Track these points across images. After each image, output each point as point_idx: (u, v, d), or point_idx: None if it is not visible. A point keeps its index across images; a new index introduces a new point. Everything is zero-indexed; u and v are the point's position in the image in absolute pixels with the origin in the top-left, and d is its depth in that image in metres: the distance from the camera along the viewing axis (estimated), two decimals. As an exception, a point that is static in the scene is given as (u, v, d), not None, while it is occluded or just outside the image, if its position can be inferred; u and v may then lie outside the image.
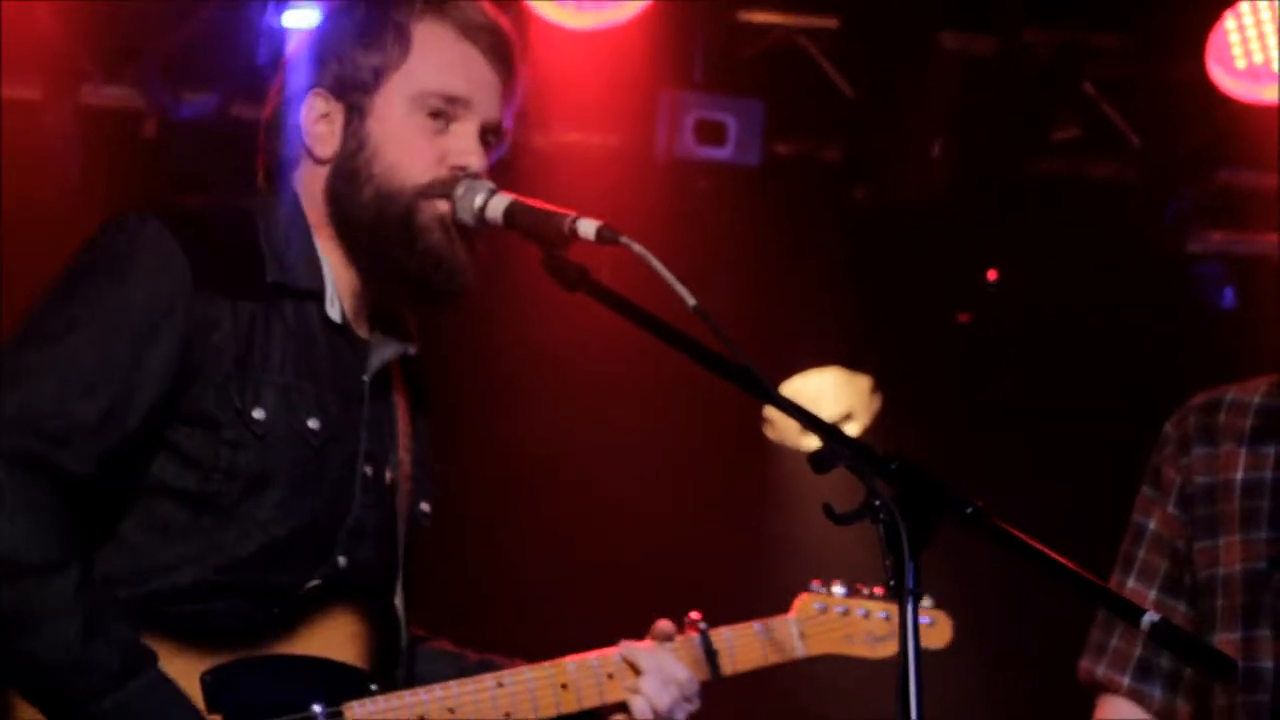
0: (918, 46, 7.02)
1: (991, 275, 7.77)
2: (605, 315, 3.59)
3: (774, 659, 4.04)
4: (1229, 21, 6.86)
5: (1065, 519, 5.83)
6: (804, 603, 4.10)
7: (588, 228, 3.57)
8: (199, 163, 6.79)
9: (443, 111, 3.78)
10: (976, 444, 7.52)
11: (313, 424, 3.71)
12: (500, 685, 3.81)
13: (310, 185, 3.83)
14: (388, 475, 3.86)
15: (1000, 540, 3.30)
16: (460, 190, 3.76)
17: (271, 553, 3.67)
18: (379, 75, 3.78)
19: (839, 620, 4.10)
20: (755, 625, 4.04)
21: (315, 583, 3.71)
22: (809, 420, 3.38)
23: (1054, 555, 3.28)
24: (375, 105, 3.78)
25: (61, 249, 3.73)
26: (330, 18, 3.93)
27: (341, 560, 3.75)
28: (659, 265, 3.40)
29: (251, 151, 3.91)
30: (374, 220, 3.75)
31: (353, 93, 3.79)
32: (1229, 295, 7.45)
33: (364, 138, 3.78)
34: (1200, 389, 4.45)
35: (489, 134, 3.85)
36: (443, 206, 3.74)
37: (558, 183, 6.70)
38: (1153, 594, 4.32)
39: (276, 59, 6.51)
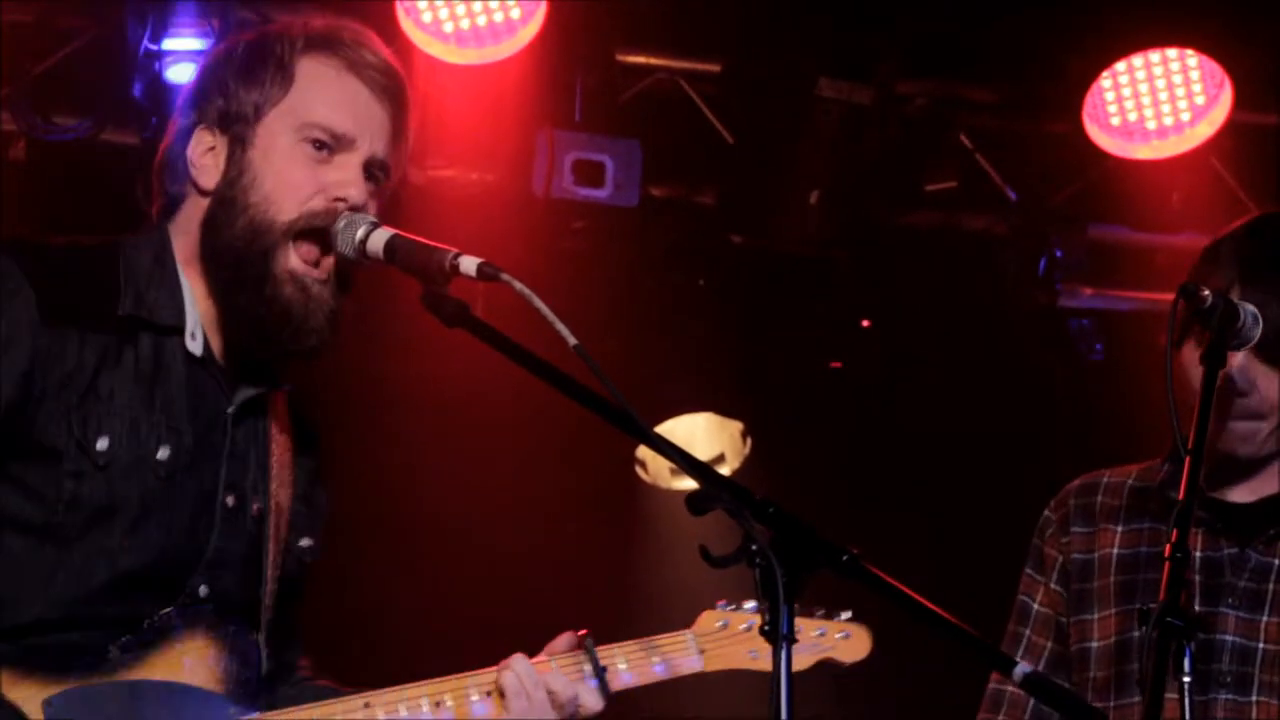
0: (798, 94, 7.05)
1: (865, 324, 7.81)
2: (480, 353, 3.57)
3: (666, 675, 4.00)
4: (1105, 80, 6.94)
5: (934, 563, 5.87)
6: (706, 619, 4.06)
7: (469, 264, 3.57)
8: (68, 185, 6.71)
9: (325, 144, 3.79)
10: (847, 490, 7.55)
11: (161, 454, 3.70)
12: (367, 705, 3.79)
13: (190, 217, 3.84)
14: (254, 506, 3.83)
15: (875, 588, 3.31)
16: (341, 223, 3.74)
17: (121, 583, 3.65)
18: (260, 107, 3.80)
19: (744, 636, 4.04)
20: (646, 641, 4.00)
21: (168, 610, 3.69)
22: (688, 462, 3.37)
23: (929, 605, 3.29)
24: (258, 136, 3.80)
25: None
26: (215, 55, 3.95)
27: (203, 589, 3.73)
28: (540, 303, 3.39)
29: (122, 175, 3.90)
30: (239, 252, 3.76)
31: (236, 124, 3.81)
32: (1099, 348, 7.54)
33: (244, 166, 3.79)
34: (1070, 438, 4.58)
35: (375, 170, 3.86)
36: (301, 261, 3.73)
37: (435, 219, 6.66)
38: (1041, 670, 4.42)
39: (151, 85, 6.50)
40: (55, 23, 6.66)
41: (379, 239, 3.72)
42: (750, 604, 4.07)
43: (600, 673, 3.89)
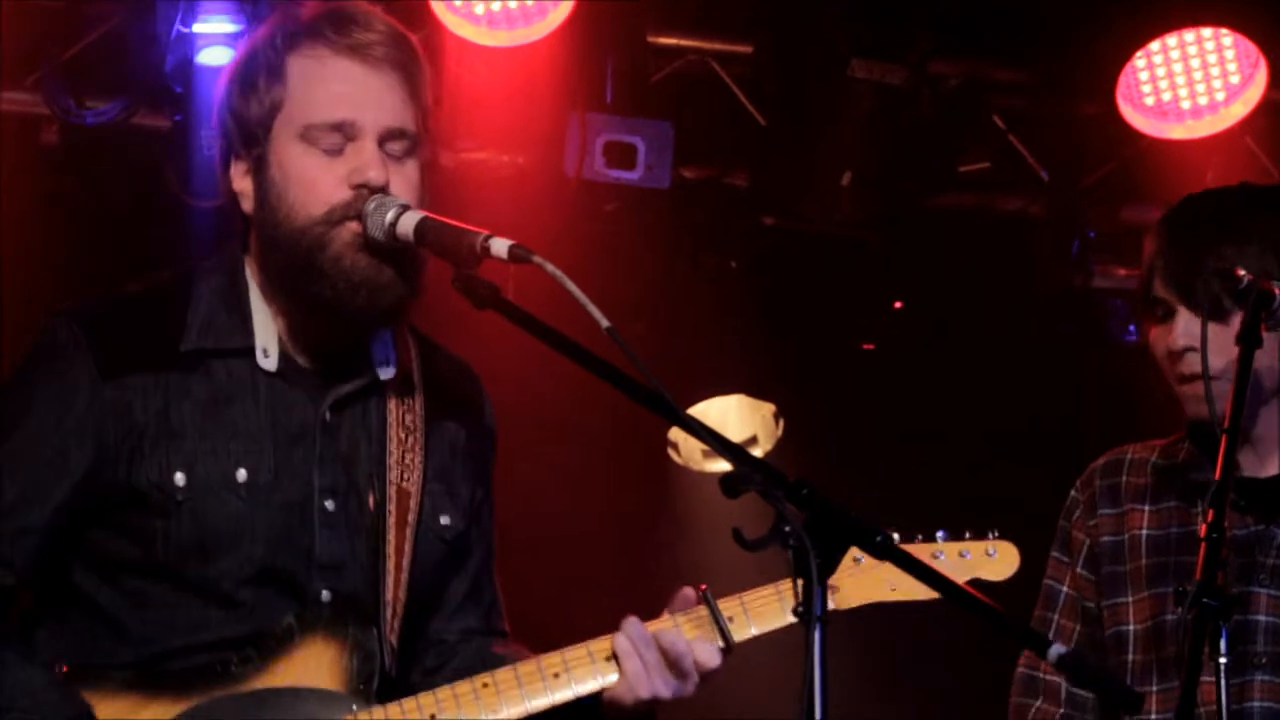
0: (830, 75, 7.03)
1: (897, 305, 7.79)
2: (511, 336, 3.57)
3: (790, 620, 3.80)
4: (1139, 60, 6.91)
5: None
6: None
7: (500, 246, 3.57)
8: (100, 168, 6.72)
9: (332, 139, 3.79)
10: (879, 472, 7.54)
11: (240, 476, 3.76)
12: (485, 685, 3.79)
13: (254, 243, 3.90)
14: (370, 501, 3.86)
15: (907, 569, 3.30)
16: (371, 206, 3.74)
17: (233, 605, 3.74)
18: (266, 121, 3.82)
19: (881, 568, 3.92)
20: (772, 586, 3.93)
21: (288, 620, 3.75)
22: (721, 444, 3.36)
23: (962, 585, 3.28)
24: (271, 152, 3.83)
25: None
26: (225, 77, 3.96)
27: (325, 594, 3.79)
28: (572, 285, 3.38)
29: (153, 158, 3.91)
30: (290, 260, 3.79)
31: (253, 147, 3.84)
32: (1133, 330, 7.51)
33: (269, 185, 3.82)
34: (1103, 420, 4.56)
35: (392, 140, 3.83)
36: (353, 228, 3.76)
37: (466, 201, 6.66)
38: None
39: (183, 68, 6.51)
40: (87, 6, 6.68)
41: (409, 221, 3.71)
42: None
43: (722, 626, 3.85)
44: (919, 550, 4.02)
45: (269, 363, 3.82)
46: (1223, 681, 3.79)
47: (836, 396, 7.86)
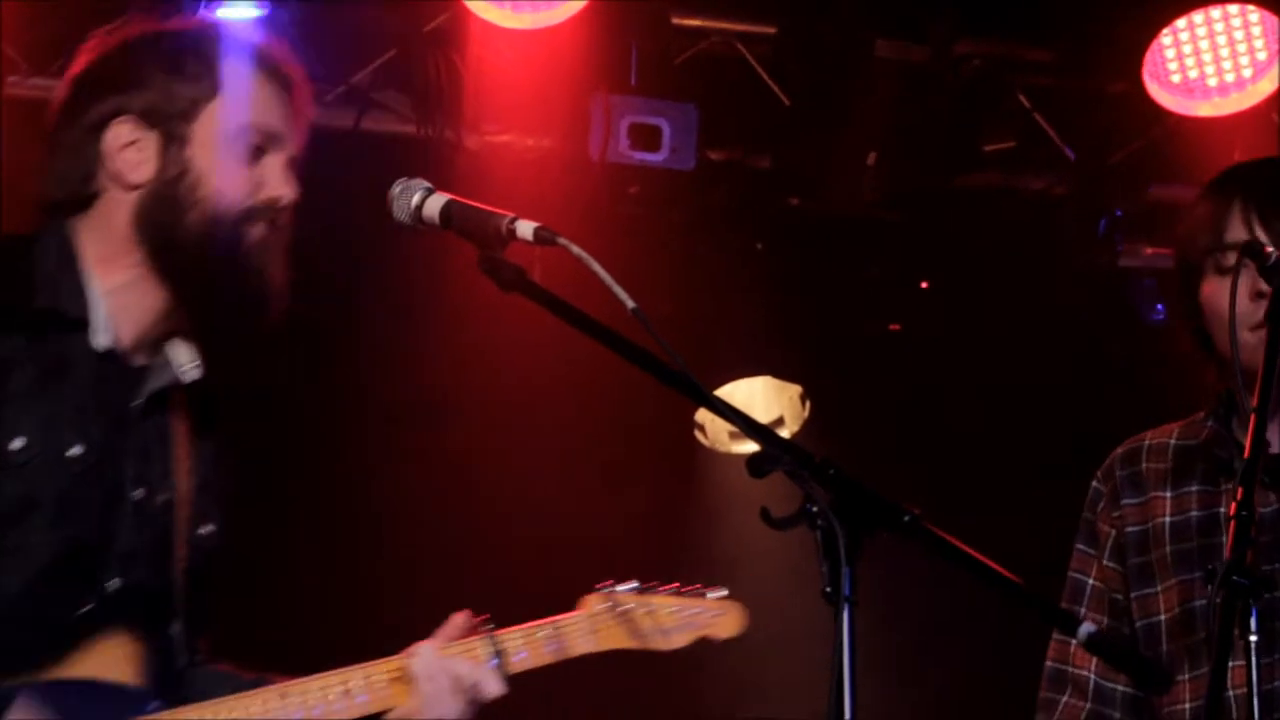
0: (854, 55, 7.02)
1: (923, 285, 7.78)
2: (536, 318, 3.56)
3: (559, 656, 4.06)
4: (1165, 37, 6.88)
5: (995, 527, 5.84)
6: (592, 601, 4.13)
7: (525, 229, 3.56)
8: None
9: (258, 144, 3.88)
10: (906, 453, 7.53)
11: (74, 451, 3.75)
12: (284, 696, 3.84)
13: (110, 214, 3.87)
14: (160, 499, 3.88)
15: (936, 549, 3.29)
16: (397, 189, 3.74)
17: (41, 580, 3.69)
18: (196, 104, 3.86)
19: (628, 616, 4.12)
20: (538, 623, 4.07)
21: (88, 607, 3.73)
22: (747, 424, 3.36)
23: (990, 564, 3.27)
24: (195, 133, 3.85)
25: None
26: (126, 43, 3.98)
27: (114, 583, 3.78)
28: (598, 267, 3.37)
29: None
30: (199, 243, 3.82)
31: (168, 121, 3.85)
32: (1160, 309, 7.49)
33: (185, 164, 3.85)
34: (1131, 399, 4.54)
35: (292, 167, 3.95)
36: (263, 230, 3.86)
37: (491, 184, 6.66)
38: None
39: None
40: (111, -6, 6.68)
41: (435, 204, 3.71)
42: (628, 585, 4.15)
43: (498, 656, 3.95)
44: (639, 599, 4.16)
45: (101, 340, 3.81)
46: (1253, 660, 3.77)
47: (862, 377, 7.86)
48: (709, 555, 7.75)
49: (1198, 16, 6.89)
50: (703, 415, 7.84)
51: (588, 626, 4.09)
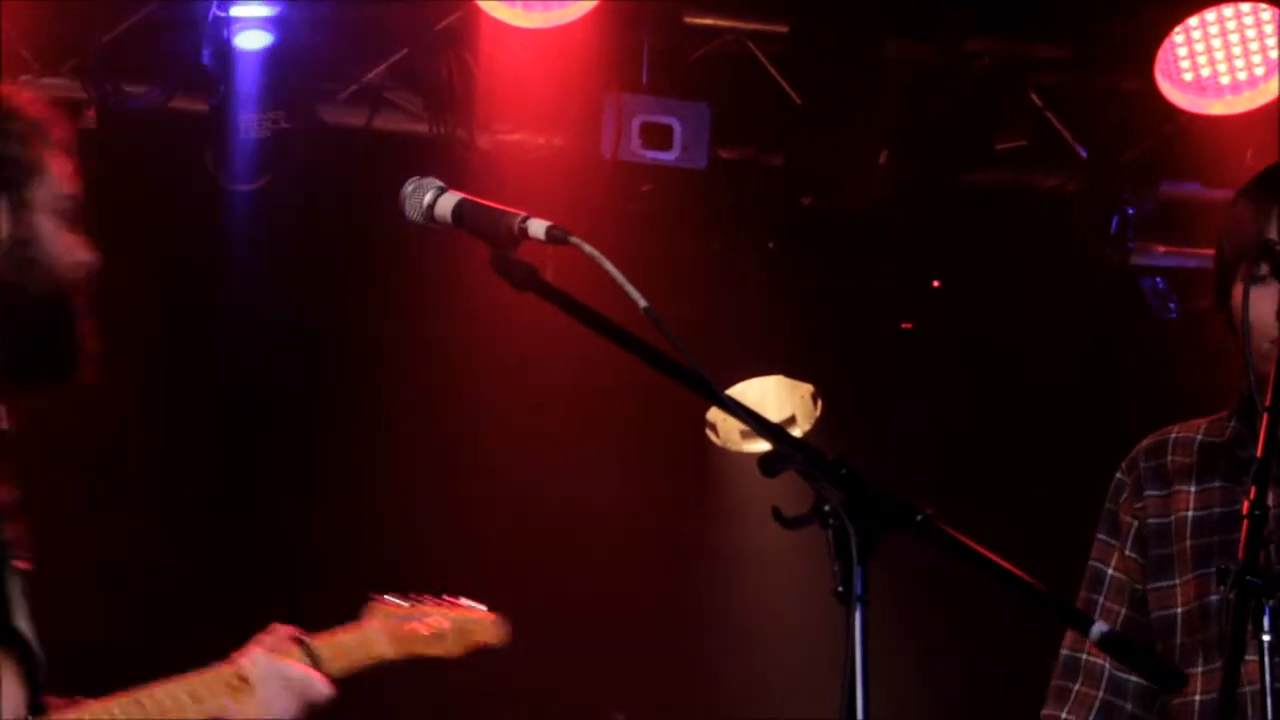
0: (866, 54, 7.01)
1: (935, 284, 7.77)
2: (548, 317, 3.56)
3: (366, 661, 4.27)
4: (1177, 35, 6.87)
5: (1007, 525, 5.84)
6: (379, 609, 4.35)
7: (538, 227, 3.55)
8: (138, 152, 6.74)
9: (69, 210, 4.01)
10: (917, 452, 7.53)
11: None
12: (138, 702, 3.98)
13: None
14: None
15: (949, 548, 3.28)
16: (409, 188, 3.73)
17: None
18: (32, 170, 3.99)
19: (414, 624, 4.36)
20: (350, 629, 4.28)
21: None
22: (760, 423, 3.35)
23: (1003, 563, 3.27)
24: (35, 199, 3.98)
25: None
26: None
27: None
28: (610, 266, 3.37)
29: (191, 142, 3.95)
30: (47, 304, 3.96)
31: (12, 185, 3.97)
32: (1172, 307, 7.48)
33: (33, 228, 3.97)
34: (1144, 398, 4.51)
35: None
36: (81, 294, 4.00)
37: (503, 182, 6.67)
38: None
39: (220, 52, 6.53)
40: (124, -8, 6.70)
41: (447, 203, 3.70)
42: (398, 599, 4.38)
43: (314, 661, 4.14)
44: (419, 609, 4.40)
45: None
46: (1267, 660, 3.77)
47: (875, 376, 7.86)
48: (721, 554, 7.76)
49: (1210, 15, 6.88)
50: (714, 414, 7.84)
51: (385, 634, 4.31)
